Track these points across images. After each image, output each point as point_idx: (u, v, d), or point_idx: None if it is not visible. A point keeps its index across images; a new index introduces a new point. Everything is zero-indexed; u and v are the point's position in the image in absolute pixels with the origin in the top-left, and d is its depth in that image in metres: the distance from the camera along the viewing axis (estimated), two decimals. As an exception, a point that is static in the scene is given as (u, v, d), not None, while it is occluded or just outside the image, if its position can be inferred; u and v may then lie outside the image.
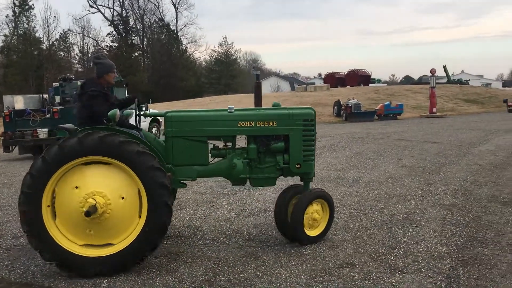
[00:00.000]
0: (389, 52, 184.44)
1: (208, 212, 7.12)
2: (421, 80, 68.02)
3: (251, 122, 5.29)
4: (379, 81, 69.80)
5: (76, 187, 4.64)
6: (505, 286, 4.18)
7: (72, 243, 4.65)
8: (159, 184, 4.61)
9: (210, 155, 5.45)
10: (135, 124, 5.53)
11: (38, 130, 14.83)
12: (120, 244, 4.69)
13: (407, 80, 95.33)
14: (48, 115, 15.04)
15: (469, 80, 69.05)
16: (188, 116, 5.33)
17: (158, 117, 20.02)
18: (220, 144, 5.59)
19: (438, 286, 4.21)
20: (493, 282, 4.27)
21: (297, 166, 5.37)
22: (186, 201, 7.86)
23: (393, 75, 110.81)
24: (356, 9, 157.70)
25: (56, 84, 15.95)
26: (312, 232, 5.47)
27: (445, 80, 58.95)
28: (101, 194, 4.61)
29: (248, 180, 5.46)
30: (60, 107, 15.09)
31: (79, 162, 4.62)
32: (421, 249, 5.16)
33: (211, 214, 6.96)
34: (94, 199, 4.57)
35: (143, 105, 5.63)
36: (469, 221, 6.19)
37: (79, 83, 16.36)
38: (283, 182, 7.43)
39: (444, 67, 58.65)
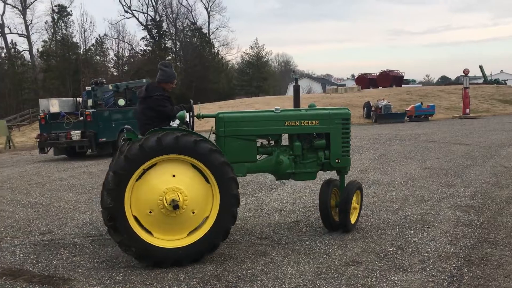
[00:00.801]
0: (424, 52, 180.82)
1: (225, 211, 7.32)
2: (459, 81, 66.47)
3: (296, 122, 5.78)
4: (413, 81, 68.64)
5: (174, 176, 4.94)
6: (508, 286, 4.21)
7: (128, 208, 4.84)
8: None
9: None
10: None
11: (71, 132, 15.45)
12: (158, 240, 4.92)
13: (444, 80, 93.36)
14: (81, 118, 15.64)
15: (507, 80, 66.99)
16: (239, 117, 5.71)
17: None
18: (262, 142, 5.98)
19: (440, 284, 4.28)
20: (495, 282, 4.30)
21: (337, 160, 5.92)
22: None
23: (427, 76, 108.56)
24: (388, 9, 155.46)
25: (88, 88, 16.54)
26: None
27: (481, 80, 57.49)
28: (185, 196, 4.88)
29: (291, 175, 5.91)
30: (92, 110, 15.68)
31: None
32: (429, 249, 5.21)
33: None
34: (179, 197, 4.85)
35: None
36: (483, 223, 6.18)
37: (110, 87, 17.11)
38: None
39: (480, 67, 57.24)
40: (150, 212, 4.90)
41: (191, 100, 5.84)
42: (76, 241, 6.10)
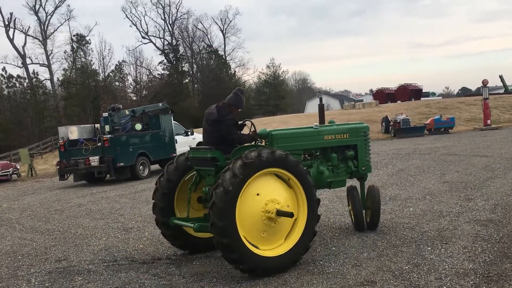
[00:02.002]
0: (444, 63, 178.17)
1: (240, 233, 7.27)
2: (479, 91, 65.53)
3: (333, 136, 6.47)
4: (433, 94, 67.81)
5: (283, 205, 5.36)
6: (528, 303, 4.05)
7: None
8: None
9: None
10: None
11: (90, 158, 15.64)
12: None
13: (464, 91, 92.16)
14: (99, 144, 15.85)
15: (529, 88, 65.67)
16: (290, 133, 6.27)
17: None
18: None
19: (457, 303, 4.15)
20: (515, 299, 4.15)
21: (363, 168, 6.69)
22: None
23: (447, 88, 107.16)
24: (405, 23, 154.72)
25: (105, 114, 16.78)
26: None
27: (502, 90, 56.58)
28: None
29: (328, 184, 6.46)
30: (110, 135, 15.88)
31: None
32: (447, 266, 5.07)
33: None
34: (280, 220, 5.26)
35: (189, 130, 6.37)
36: (503, 237, 6.00)
37: (127, 112, 17.32)
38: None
39: (501, 76, 56.29)
40: (258, 194, 5.18)
41: (250, 121, 6.33)
42: (90, 267, 6.12)
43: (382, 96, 54.07)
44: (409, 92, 53.95)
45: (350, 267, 5.29)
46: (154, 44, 69.83)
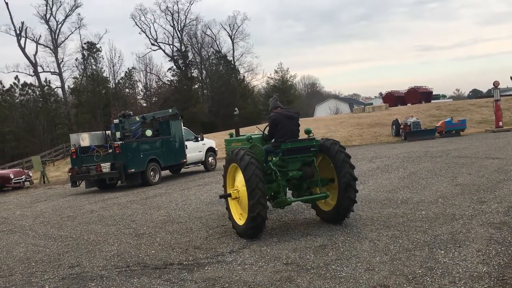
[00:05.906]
0: (454, 66, 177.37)
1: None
2: (490, 93, 64.93)
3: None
4: (444, 96, 67.39)
5: None
6: (544, 307, 4.00)
7: None
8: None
9: None
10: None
11: (102, 164, 15.76)
12: None
13: (475, 93, 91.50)
14: (110, 150, 15.95)
15: (541, 89, 65.01)
16: None
17: (214, 147, 20.61)
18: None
19: (472, 307, 4.11)
20: (531, 302, 4.10)
21: None
22: (231, 227, 8.03)
23: (457, 90, 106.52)
24: (413, 26, 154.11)
25: (116, 121, 16.90)
26: None
27: (513, 92, 56.08)
28: None
29: None
30: (121, 142, 15.98)
31: None
32: (460, 270, 5.03)
33: (254, 240, 7.10)
34: None
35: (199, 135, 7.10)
36: (517, 240, 5.93)
37: (137, 118, 17.42)
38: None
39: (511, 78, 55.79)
40: None
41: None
42: (103, 273, 6.15)
43: (392, 99, 53.87)
44: (419, 95, 53.70)
45: (363, 271, 5.26)
46: (163, 51, 70.38)
